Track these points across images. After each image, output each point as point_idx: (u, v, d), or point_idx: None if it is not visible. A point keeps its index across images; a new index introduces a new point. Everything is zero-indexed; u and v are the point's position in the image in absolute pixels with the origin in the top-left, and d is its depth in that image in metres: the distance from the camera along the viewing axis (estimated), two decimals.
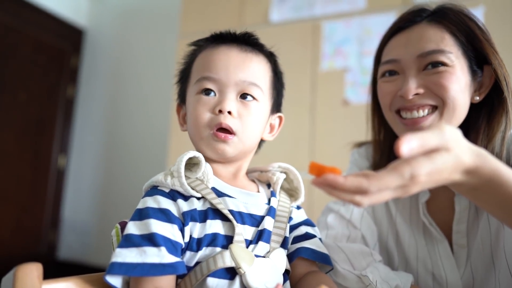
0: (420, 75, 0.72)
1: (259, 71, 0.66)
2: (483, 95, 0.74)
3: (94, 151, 3.30)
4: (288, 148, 2.18)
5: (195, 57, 0.69)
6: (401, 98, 0.73)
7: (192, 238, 0.57)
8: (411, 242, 0.81)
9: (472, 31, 0.72)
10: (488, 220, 0.73)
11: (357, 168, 0.90)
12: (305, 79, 2.23)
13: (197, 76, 0.65)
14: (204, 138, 0.63)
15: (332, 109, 2.15)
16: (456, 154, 0.44)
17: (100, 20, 3.47)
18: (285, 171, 0.72)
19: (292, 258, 0.64)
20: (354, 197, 0.41)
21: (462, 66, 0.71)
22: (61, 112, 3.27)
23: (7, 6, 2.88)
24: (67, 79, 3.32)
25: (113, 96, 3.31)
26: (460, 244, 0.76)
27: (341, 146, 1.03)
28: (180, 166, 0.58)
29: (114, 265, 0.51)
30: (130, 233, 0.54)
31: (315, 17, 2.26)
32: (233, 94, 0.63)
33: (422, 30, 0.73)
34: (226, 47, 0.66)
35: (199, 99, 0.63)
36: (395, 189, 0.41)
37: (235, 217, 0.59)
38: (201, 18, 2.51)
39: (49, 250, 3.14)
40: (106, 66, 3.37)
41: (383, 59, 0.78)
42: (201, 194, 0.59)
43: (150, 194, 0.59)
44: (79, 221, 3.23)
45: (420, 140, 0.41)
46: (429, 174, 0.41)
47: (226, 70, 0.63)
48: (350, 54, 2.17)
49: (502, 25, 1.85)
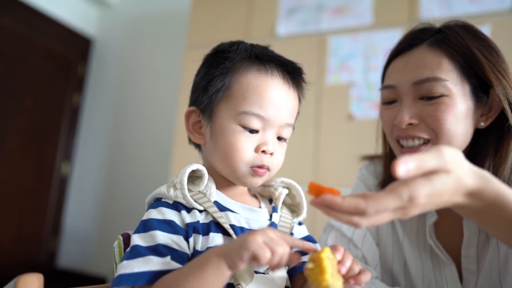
0: (416, 104, 0.71)
1: (295, 110, 0.67)
2: (490, 120, 0.71)
3: (97, 160, 3.31)
4: (293, 162, 2.17)
5: (235, 72, 0.63)
6: (397, 127, 0.73)
7: (195, 251, 0.56)
8: (417, 264, 0.79)
9: (473, 54, 0.68)
10: (498, 245, 0.71)
11: (364, 185, 0.89)
12: (310, 93, 2.23)
13: (243, 104, 0.61)
14: (240, 172, 0.62)
15: (337, 124, 2.15)
16: (457, 176, 0.43)
17: (108, 30, 3.52)
18: (288, 186, 0.72)
19: (293, 274, 0.64)
20: (352, 218, 0.41)
21: (462, 92, 0.68)
22: (66, 119, 3.29)
23: (17, 14, 2.93)
24: (73, 87, 3.35)
25: (119, 105, 3.33)
26: (469, 269, 0.74)
27: (346, 161, 1.03)
28: (183, 178, 0.59)
29: (122, 277, 0.50)
30: (136, 245, 0.54)
31: (321, 32, 2.28)
32: (274, 134, 0.64)
33: (420, 56, 0.71)
34: (277, 80, 0.63)
35: (242, 134, 0.61)
36: (393, 211, 0.41)
37: (237, 232, 0.59)
38: (208, 29, 2.54)
39: (49, 257, 3.12)
40: (113, 75, 3.41)
41: (383, 84, 0.78)
42: (203, 207, 0.59)
43: (154, 206, 0.59)
44: (80, 230, 3.22)
45: (417, 162, 0.41)
46: (428, 196, 0.41)
47: (277, 111, 0.62)
48: (356, 69, 2.18)
49: (509, 44, 1.85)
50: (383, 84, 0.78)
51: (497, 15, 1.88)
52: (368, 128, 0.90)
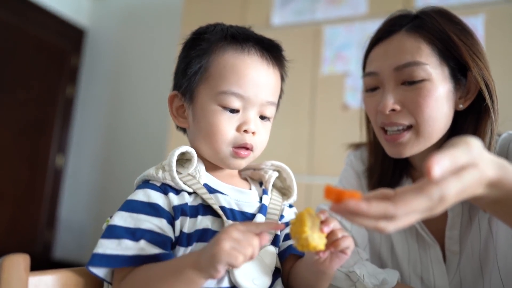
0: (397, 90, 0.72)
1: (277, 88, 0.66)
2: (468, 102, 0.73)
3: (92, 151, 3.29)
4: (287, 151, 2.17)
5: (211, 53, 0.63)
6: (381, 113, 0.74)
7: (182, 233, 0.56)
8: (404, 247, 0.81)
9: (450, 38, 0.70)
10: (479, 226, 0.73)
11: (353, 171, 0.91)
12: (305, 83, 2.23)
13: (222, 84, 0.60)
14: (222, 153, 0.61)
15: (332, 113, 2.14)
16: (482, 168, 0.42)
17: (101, 20, 3.48)
18: (278, 169, 0.72)
19: (283, 255, 0.64)
20: (378, 224, 0.38)
21: (442, 75, 0.70)
22: (60, 111, 3.26)
23: (8, 4, 2.88)
24: (67, 79, 3.32)
25: (113, 97, 3.31)
26: (452, 250, 0.76)
27: (340, 150, 1.02)
28: (171, 160, 0.58)
29: (95, 256, 0.51)
30: (114, 224, 0.54)
31: (316, 21, 2.26)
32: (256, 113, 0.63)
33: (400, 41, 0.72)
34: (255, 58, 0.63)
35: (223, 114, 0.60)
36: (422, 211, 0.38)
37: (227, 214, 0.59)
38: (203, 20, 2.49)
39: (45, 249, 3.12)
40: (107, 67, 3.37)
41: (365, 71, 0.79)
42: (192, 189, 0.59)
43: (141, 187, 0.59)
44: (76, 221, 3.21)
45: (451, 160, 0.39)
46: (458, 193, 0.39)
47: (256, 89, 0.61)
48: (351, 59, 2.17)
49: (503, 34, 1.85)
50: (365, 71, 0.79)
51: (491, 5, 1.88)
52: (362, 118, 0.90)
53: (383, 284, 0.67)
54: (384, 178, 0.83)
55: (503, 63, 1.81)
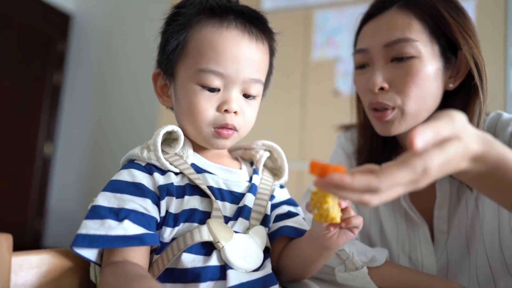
0: (387, 67, 0.71)
1: (263, 63, 0.62)
2: (458, 81, 0.72)
3: (81, 139, 3.25)
4: (279, 137, 2.16)
5: (189, 27, 0.59)
6: (370, 92, 0.73)
7: (168, 213, 0.55)
8: (393, 227, 0.82)
9: (441, 14, 0.69)
10: (466, 204, 0.74)
11: (343, 152, 0.91)
12: (296, 68, 2.22)
13: (200, 62, 0.57)
14: (204, 134, 0.59)
15: (323, 99, 2.14)
16: (465, 142, 0.41)
17: (88, 5, 3.40)
18: (269, 149, 0.71)
19: (274, 236, 0.63)
20: (363, 197, 0.38)
21: (432, 53, 0.70)
22: (47, 99, 3.20)
23: None
24: (53, 65, 3.24)
25: (101, 83, 3.25)
26: (441, 230, 0.77)
27: (332, 136, 1.02)
28: (156, 139, 0.57)
29: (78, 236, 0.50)
30: (97, 205, 0.52)
31: (307, 6, 2.24)
32: (238, 92, 0.59)
33: (390, 17, 0.72)
34: (235, 33, 0.58)
35: (201, 93, 0.58)
36: (406, 184, 0.38)
37: (215, 194, 0.58)
38: None
39: (35, 239, 3.09)
40: (94, 52, 3.31)
41: (355, 48, 0.79)
42: (179, 169, 0.58)
43: (125, 167, 0.58)
44: (66, 210, 3.19)
45: (434, 131, 0.39)
46: (441, 165, 0.39)
47: (237, 65, 0.57)
48: (342, 44, 2.15)
49: (493, 18, 1.85)
50: (355, 48, 0.79)
51: None
52: (354, 103, 0.90)
53: (372, 261, 0.67)
54: (373, 158, 0.83)
55: (493, 47, 1.82)
